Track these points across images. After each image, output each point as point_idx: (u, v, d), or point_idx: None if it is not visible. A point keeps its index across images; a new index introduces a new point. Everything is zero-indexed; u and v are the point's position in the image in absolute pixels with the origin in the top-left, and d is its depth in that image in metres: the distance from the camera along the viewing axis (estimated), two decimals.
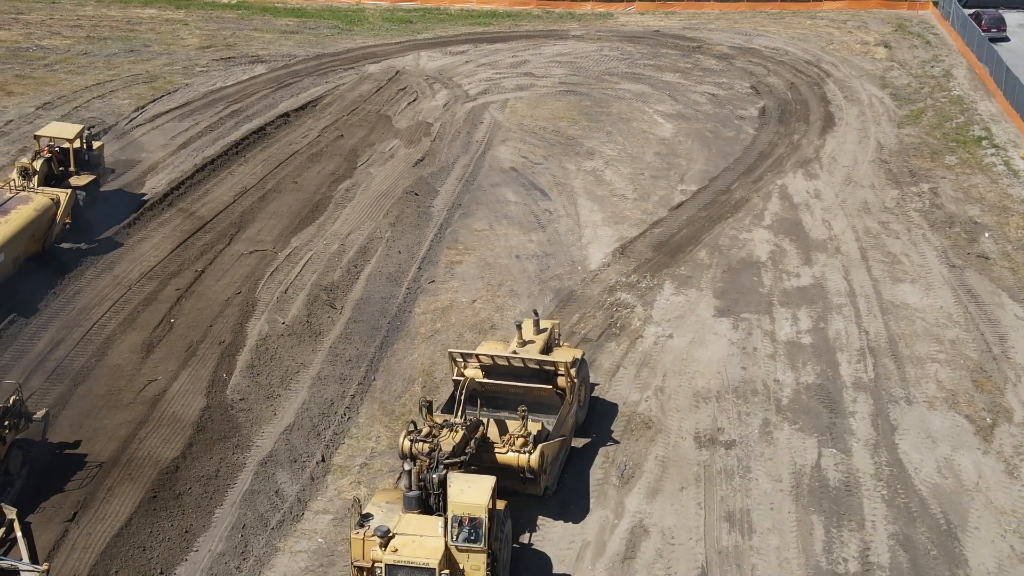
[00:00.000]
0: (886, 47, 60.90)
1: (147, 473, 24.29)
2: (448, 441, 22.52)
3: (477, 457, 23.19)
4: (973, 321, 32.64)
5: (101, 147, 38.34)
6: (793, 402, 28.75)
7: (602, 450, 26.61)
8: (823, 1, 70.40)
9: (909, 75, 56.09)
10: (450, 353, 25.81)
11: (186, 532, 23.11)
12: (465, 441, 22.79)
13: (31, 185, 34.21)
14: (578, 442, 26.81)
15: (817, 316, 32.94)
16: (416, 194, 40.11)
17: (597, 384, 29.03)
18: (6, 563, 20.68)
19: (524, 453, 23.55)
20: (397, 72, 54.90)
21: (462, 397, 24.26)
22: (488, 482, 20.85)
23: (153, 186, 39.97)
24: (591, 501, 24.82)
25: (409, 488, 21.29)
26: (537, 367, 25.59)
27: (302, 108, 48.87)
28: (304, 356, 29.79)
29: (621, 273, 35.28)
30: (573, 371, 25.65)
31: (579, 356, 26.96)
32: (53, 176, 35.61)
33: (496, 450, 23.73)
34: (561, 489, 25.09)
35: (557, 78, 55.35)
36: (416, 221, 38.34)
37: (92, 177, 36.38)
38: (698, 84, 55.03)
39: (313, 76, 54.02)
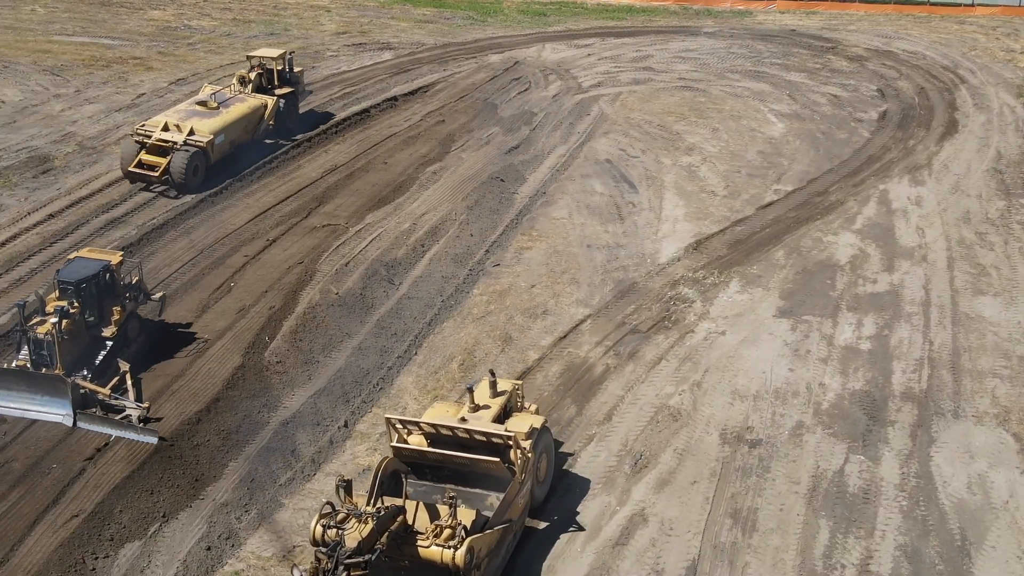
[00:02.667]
0: None
1: (170, 423, 25.47)
2: (354, 535, 18.73)
3: (398, 550, 19.73)
4: None
5: (301, 71, 46.97)
6: (834, 407, 27.89)
7: (620, 438, 26.45)
8: (976, 7, 67.47)
9: None
10: (387, 419, 22.75)
11: (196, 481, 24.09)
12: (374, 536, 18.99)
13: (246, 90, 43.63)
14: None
15: (884, 323, 31.80)
16: (502, 180, 40.52)
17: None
18: (117, 402, 25.90)
19: (449, 548, 19.67)
20: (516, 63, 55.45)
21: (377, 479, 21.09)
22: None
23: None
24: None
25: None
26: (484, 439, 21.99)
27: (411, 93, 49.95)
28: (351, 327, 30.57)
29: (689, 268, 34.85)
30: (527, 443, 22.13)
31: (538, 425, 23.20)
32: (262, 88, 44.53)
33: (419, 542, 19.92)
34: None
35: (677, 74, 54.89)
36: (496, 206, 38.75)
37: (291, 90, 45.20)
38: (823, 85, 53.69)
39: (433, 64, 55.10)
